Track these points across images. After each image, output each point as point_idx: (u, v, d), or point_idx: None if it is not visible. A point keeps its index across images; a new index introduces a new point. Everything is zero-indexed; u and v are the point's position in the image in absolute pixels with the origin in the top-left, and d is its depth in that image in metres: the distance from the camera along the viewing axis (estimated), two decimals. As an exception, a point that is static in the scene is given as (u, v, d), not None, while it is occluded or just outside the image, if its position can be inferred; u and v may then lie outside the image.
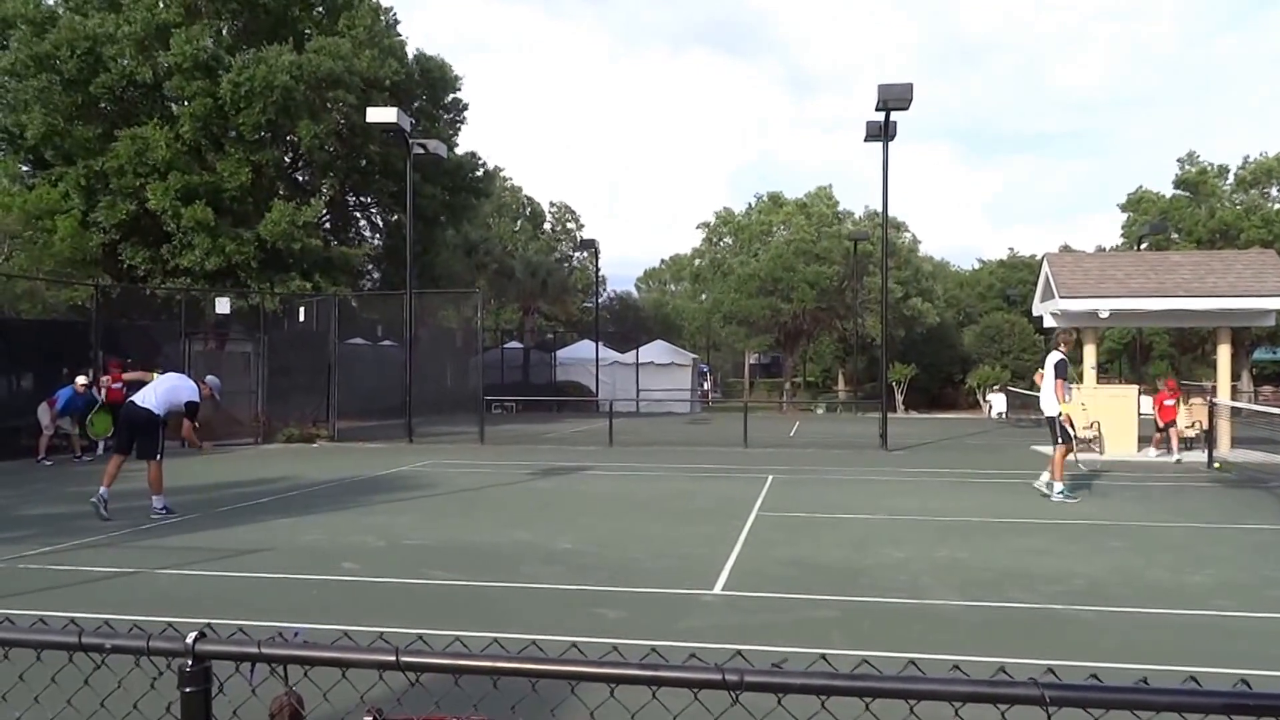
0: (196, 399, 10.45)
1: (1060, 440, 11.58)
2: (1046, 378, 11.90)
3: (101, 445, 17.52)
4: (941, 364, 43.68)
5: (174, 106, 23.23)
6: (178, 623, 2.04)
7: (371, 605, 6.39)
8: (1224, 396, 17.77)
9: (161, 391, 10.33)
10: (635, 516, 10.33)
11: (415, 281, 21.49)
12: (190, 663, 1.75)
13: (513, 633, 5.38)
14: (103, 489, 9.86)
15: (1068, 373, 11.90)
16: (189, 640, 1.75)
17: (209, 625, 1.96)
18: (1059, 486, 11.51)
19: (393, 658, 1.68)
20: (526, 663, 1.67)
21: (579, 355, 39.81)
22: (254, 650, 1.74)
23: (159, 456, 10.20)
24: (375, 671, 1.71)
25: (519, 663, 1.67)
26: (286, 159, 25.15)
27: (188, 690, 1.75)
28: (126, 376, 11.91)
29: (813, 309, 41.50)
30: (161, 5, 22.60)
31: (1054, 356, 11.91)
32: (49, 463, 15.75)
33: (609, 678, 1.64)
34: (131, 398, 10.60)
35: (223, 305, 20.63)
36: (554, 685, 1.68)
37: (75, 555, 8.00)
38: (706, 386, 46.50)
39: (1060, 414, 11.64)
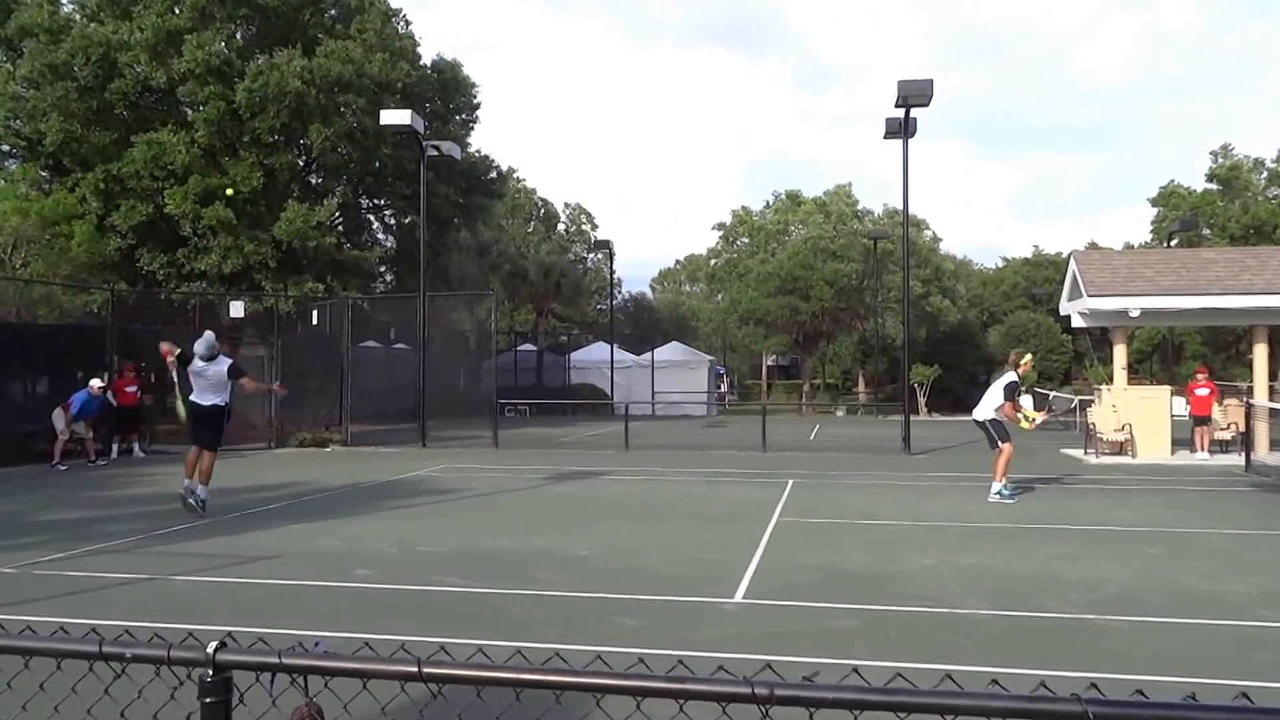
0: (230, 361, 10.62)
1: (1001, 441, 11.93)
2: (993, 393, 12.18)
3: (115, 449, 17.61)
4: (965, 364, 43.42)
5: (188, 111, 23.41)
6: (194, 630, 2.02)
7: (386, 614, 6.36)
8: (1261, 397, 17.47)
9: (211, 382, 10.47)
10: (653, 521, 10.29)
11: (428, 283, 21.52)
12: (211, 673, 1.73)
13: (530, 642, 5.35)
14: (191, 483, 10.27)
15: (1016, 395, 12.16)
16: (209, 650, 1.73)
17: (229, 634, 1.93)
18: (997, 486, 11.81)
19: (415, 669, 1.65)
20: (551, 675, 1.63)
21: (593, 357, 39.83)
22: (275, 660, 1.72)
23: (216, 449, 10.54)
24: (397, 682, 1.68)
25: (543, 675, 1.63)
26: (300, 163, 25.29)
27: (208, 700, 1.73)
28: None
29: (832, 308, 41.35)
30: (173, 12, 22.76)
31: (1008, 377, 12.18)
32: (63, 467, 15.81)
33: (635, 690, 1.61)
34: (193, 397, 10.62)
35: (237, 309, 20.74)
36: (578, 697, 1.64)
37: (90, 561, 8.01)
38: (723, 389, 46.42)
39: (995, 418, 12.02)
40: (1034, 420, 12.70)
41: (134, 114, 23.29)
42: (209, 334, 10.86)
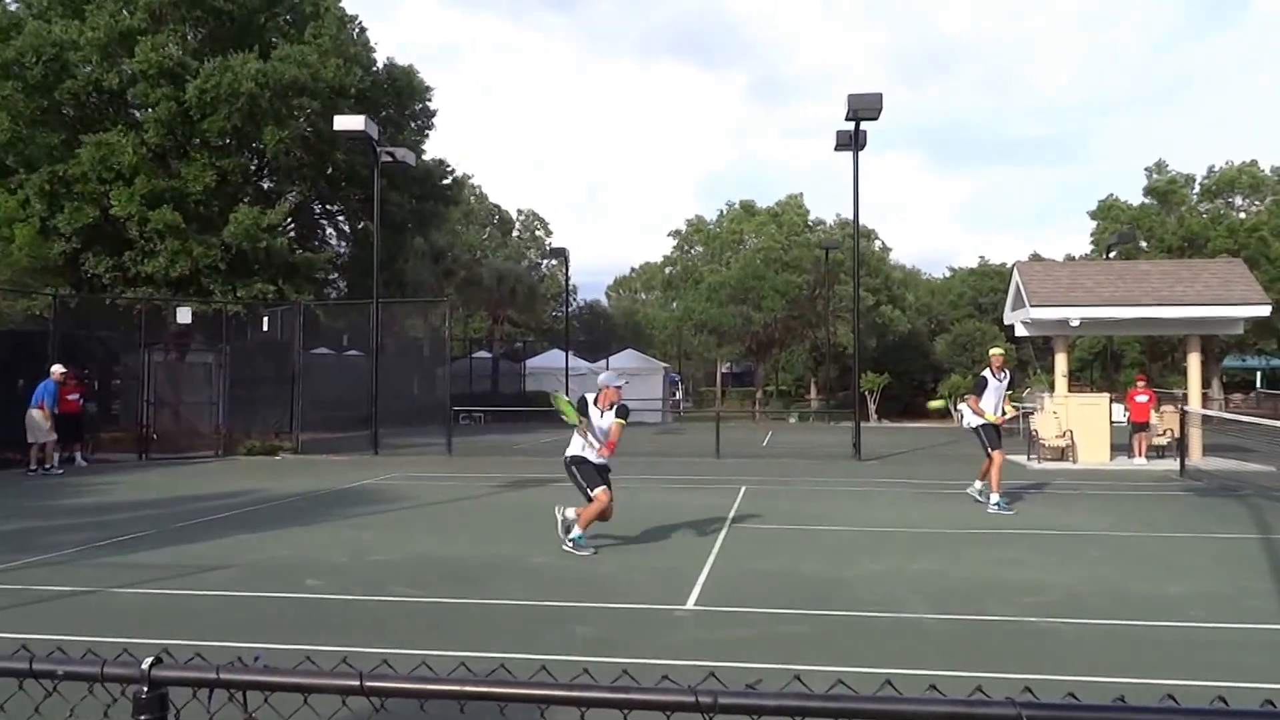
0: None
1: (990, 448, 11.50)
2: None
3: (57, 458, 17.15)
4: (914, 372, 43.99)
5: (138, 113, 22.99)
6: (134, 644, 1.98)
7: (335, 624, 6.28)
8: (1195, 404, 17.95)
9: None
10: (607, 529, 10.26)
11: (382, 290, 21.33)
12: (146, 689, 1.69)
13: (481, 651, 5.31)
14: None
15: (980, 389, 11.85)
16: (144, 666, 1.69)
17: (165, 650, 1.89)
18: (995, 498, 11.43)
19: (356, 682, 1.63)
20: (494, 686, 1.62)
21: (548, 364, 39.75)
22: (212, 676, 1.68)
23: (587, 495, 8.78)
24: (338, 697, 1.66)
25: (486, 686, 1.62)
26: (252, 166, 24.95)
27: (143, 718, 1.69)
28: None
29: (784, 318, 41.73)
30: (125, 13, 22.38)
31: (982, 374, 12.02)
32: (57, 469, 16.04)
33: (579, 701, 1.60)
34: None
35: (184, 315, 20.33)
36: (523, 708, 1.64)
37: (28, 574, 7.78)
38: (677, 396, 46.58)
39: (984, 423, 11.67)
40: (1004, 415, 12.20)
41: (82, 115, 22.83)
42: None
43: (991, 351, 12.34)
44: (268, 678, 1.69)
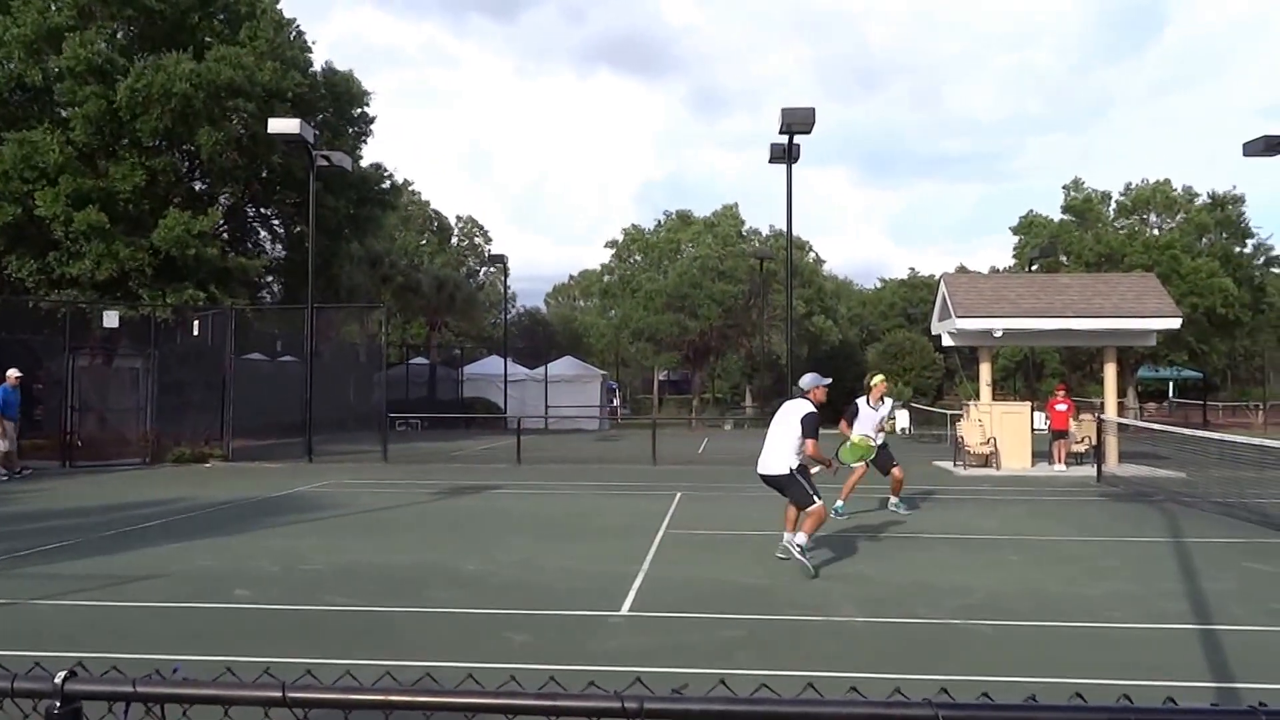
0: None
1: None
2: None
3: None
4: (846, 380, 44.64)
5: (64, 111, 22.31)
6: (50, 658, 1.92)
7: (263, 635, 6.16)
8: (1111, 413, 18.54)
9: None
10: (543, 536, 10.24)
11: (317, 295, 20.98)
12: (59, 704, 1.64)
13: (413, 660, 5.27)
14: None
15: (853, 417, 11.60)
16: (58, 680, 1.64)
17: (80, 663, 1.85)
18: (840, 504, 11.17)
19: (279, 693, 1.61)
20: (419, 695, 1.62)
21: (486, 371, 39.48)
22: (128, 689, 1.65)
23: (811, 501, 8.41)
24: (260, 709, 1.64)
25: (411, 695, 1.62)
26: (184, 167, 24.34)
27: (56, 733, 1.65)
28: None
29: (720, 326, 42.05)
30: (53, 8, 21.72)
31: (858, 400, 11.59)
32: (14, 474, 15.85)
33: (506, 708, 1.61)
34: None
35: (110, 319, 19.71)
36: (450, 716, 1.64)
37: (-57, 585, 7.50)
38: (615, 403, 46.62)
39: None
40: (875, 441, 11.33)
41: (4, 111, 22.09)
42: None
43: (874, 380, 11.81)
44: (186, 690, 1.66)
